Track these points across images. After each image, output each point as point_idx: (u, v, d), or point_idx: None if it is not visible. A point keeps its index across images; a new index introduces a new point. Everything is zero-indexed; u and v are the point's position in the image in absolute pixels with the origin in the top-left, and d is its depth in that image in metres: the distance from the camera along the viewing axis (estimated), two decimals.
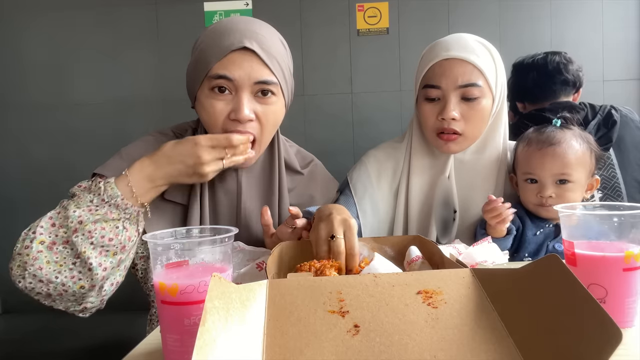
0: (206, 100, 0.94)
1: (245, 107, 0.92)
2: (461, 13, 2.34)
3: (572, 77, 1.75)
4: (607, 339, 0.40)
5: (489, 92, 1.10)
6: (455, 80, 1.08)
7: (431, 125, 1.13)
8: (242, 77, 0.92)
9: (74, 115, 2.47)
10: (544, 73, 1.76)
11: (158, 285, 0.57)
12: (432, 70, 1.11)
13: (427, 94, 1.12)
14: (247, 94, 0.93)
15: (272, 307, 0.53)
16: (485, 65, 1.08)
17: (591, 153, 1.11)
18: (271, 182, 1.06)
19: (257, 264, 0.88)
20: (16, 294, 0.91)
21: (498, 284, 0.54)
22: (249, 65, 0.92)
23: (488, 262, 0.94)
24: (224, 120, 0.94)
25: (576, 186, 1.09)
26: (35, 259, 0.83)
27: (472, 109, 1.09)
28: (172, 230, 0.64)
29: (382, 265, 0.74)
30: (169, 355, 0.58)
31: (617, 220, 0.65)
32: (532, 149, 1.12)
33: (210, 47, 0.94)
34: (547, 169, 1.09)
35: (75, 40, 2.44)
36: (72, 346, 2.13)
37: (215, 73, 0.92)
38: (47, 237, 0.84)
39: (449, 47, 1.10)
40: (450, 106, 1.08)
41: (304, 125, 2.41)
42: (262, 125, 0.97)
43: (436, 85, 1.10)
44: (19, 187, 2.50)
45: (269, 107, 0.96)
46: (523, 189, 1.14)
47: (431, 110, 1.12)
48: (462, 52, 1.08)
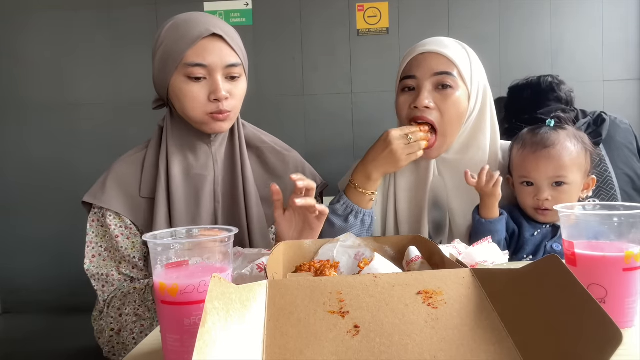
0: (183, 86, 1.02)
1: (221, 87, 1.02)
2: (461, 13, 2.34)
3: (564, 95, 1.86)
4: (607, 340, 0.40)
5: (463, 86, 1.12)
6: (429, 69, 1.12)
7: (405, 115, 1.15)
8: (215, 61, 1.01)
9: (74, 115, 2.47)
10: (538, 91, 1.85)
11: (158, 285, 0.57)
12: (409, 64, 1.16)
13: (403, 85, 1.16)
14: (220, 76, 1.02)
15: (272, 307, 0.53)
16: (458, 58, 1.12)
17: (586, 153, 1.11)
18: (233, 159, 1.13)
19: (257, 264, 0.88)
20: (16, 294, 0.91)
21: (498, 284, 0.54)
22: (219, 50, 1.02)
23: (488, 262, 0.93)
24: (204, 102, 1.02)
25: (572, 187, 1.09)
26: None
27: (446, 99, 1.11)
28: (172, 230, 0.64)
29: (382, 265, 0.74)
30: (169, 355, 0.58)
31: (617, 220, 0.65)
32: (527, 152, 1.11)
33: (178, 39, 1.02)
34: (542, 172, 1.08)
35: (75, 40, 2.44)
36: (72, 346, 2.12)
37: (191, 61, 1.01)
38: (115, 325, 1.04)
39: (425, 43, 1.17)
40: (424, 94, 1.11)
41: (304, 125, 2.41)
42: (235, 101, 1.06)
43: (412, 75, 1.14)
44: (18, 188, 2.50)
45: (239, 85, 1.06)
46: (519, 192, 1.14)
47: (406, 100, 1.15)
48: (436, 47, 1.13)
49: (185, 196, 1.07)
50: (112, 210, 1.05)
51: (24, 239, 2.51)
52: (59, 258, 2.44)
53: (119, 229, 1.06)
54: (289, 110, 2.26)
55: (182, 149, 1.09)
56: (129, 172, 1.10)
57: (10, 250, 2.52)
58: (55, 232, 2.44)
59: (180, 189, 1.07)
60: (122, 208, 1.06)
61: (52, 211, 2.46)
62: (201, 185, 1.08)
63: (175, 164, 1.08)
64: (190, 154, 1.09)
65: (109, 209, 1.05)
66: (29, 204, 2.50)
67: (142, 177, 1.09)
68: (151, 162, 1.10)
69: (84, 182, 2.43)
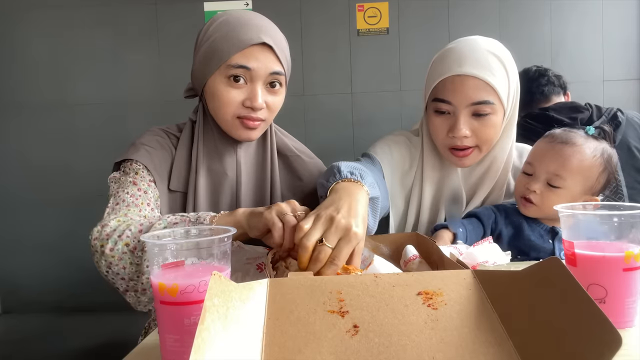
0: (221, 87, 1.01)
1: (260, 96, 1.01)
2: (461, 13, 2.34)
3: (554, 77, 1.88)
4: (607, 343, 0.40)
5: (500, 108, 1.08)
6: (467, 98, 1.05)
7: (441, 141, 1.12)
8: (259, 68, 1.00)
9: (74, 115, 2.48)
10: (528, 79, 1.90)
11: (157, 286, 0.57)
12: (443, 84, 1.08)
13: (437, 107, 1.10)
14: (261, 84, 1.02)
15: (272, 306, 0.53)
16: (498, 83, 1.05)
17: (603, 171, 1.04)
18: (264, 166, 1.12)
19: (257, 265, 0.88)
20: (16, 294, 0.92)
21: (499, 285, 0.54)
22: (265, 59, 1.01)
23: (489, 263, 0.93)
24: (237, 106, 1.01)
25: (565, 193, 1.04)
26: (120, 259, 0.86)
27: (483, 125, 1.07)
28: (170, 231, 0.64)
29: (383, 266, 0.74)
30: (168, 355, 0.57)
31: (617, 220, 0.65)
32: (545, 141, 1.09)
33: (227, 38, 1.00)
34: (545, 163, 1.06)
35: (75, 39, 2.44)
36: (72, 346, 2.13)
37: (236, 62, 0.99)
38: (131, 241, 0.87)
39: (461, 61, 1.06)
40: (461, 124, 1.06)
41: (304, 125, 2.41)
42: (269, 112, 1.05)
43: (447, 101, 1.07)
44: (18, 187, 2.50)
45: (277, 97, 1.05)
46: (518, 179, 1.13)
47: (441, 124, 1.10)
48: (475, 69, 1.04)
49: (208, 193, 1.07)
50: (142, 163, 1.02)
51: (24, 239, 2.51)
52: (59, 258, 2.44)
53: (147, 180, 1.02)
54: (289, 110, 2.26)
55: (209, 150, 1.08)
56: (162, 156, 1.07)
57: (10, 250, 2.52)
58: (55, 232, 2.44)
59: (203, 188, 1.06)
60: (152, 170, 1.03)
61: (52, 211, 2.46)
62: (220, 187, 1.07)
63: (202, 165, 1.07)
64: (216, 155, 1.08)
65: (139, 161, 1.02)
66: (29, 204, 2.50)
67: (172, 170, 1.07)
68: (182, 157, 1.08)
69: (84, 182, 2.45)
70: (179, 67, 2.35)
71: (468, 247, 0.98)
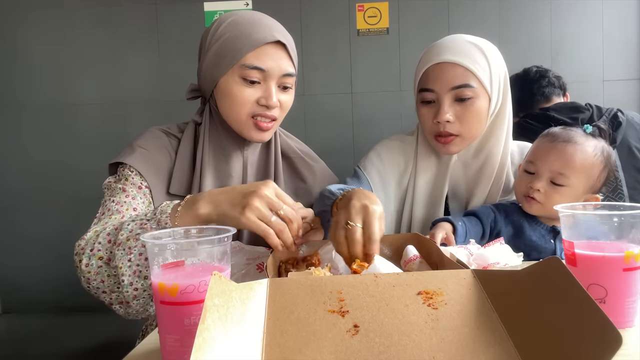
0: (235, 86, 1.00)
1: (274, 95, 1.01)
2: (461, 13, 2.34)
3: (554, 79, 1.91)
4: (607, 343, 0.40)
5: (483, 93, 1.11)
6: (447, 83, 1.10)
7: (429, 129, 1.17)
8: (273, 68, 1.00)
9: (74, 115, 2.47)
10: (528, 81, 1.93)
11: (157, 286, 0.57)
12: (427, 74, 1.14)
13: (422, 97, 1.16)
14: (275, 84, 1.02)
15: (273, 305, 0.53)
16: (477, 67, 1.09)
17: (603, 169, 1.05)
18: (268, 167, 1.12)
19: (257, 265, 0.88)
20: (16, 294, 0.91)
21: (499, 285, 0.54)
22: (279, 58, 1.01)
23: (501, 264, 0.89)
24: (252, 105, 1.01)
25: (569, 192, 1.04)
26: (97, 274, 0.83)
27: (467, 110, 1.11)
28: (170, 231, 0.64)
29: (383, 265, 0.74)
30: (168, 355, 0.57)
31: (617, 220, 0.65)
32: (546, 140, 1.09)
33: (240, 37, 1.00)
34: (548, 162, 1.05)
35: (75, 39, 2.44)
36: (72, 346, 2.13)
37: (250, 63, 0.99)
38: (104, 254, 0.83)
39: (440, 51, 1.12)
40: (444, 109, 1.11)
41: (304, 125, 2.41)
42: (281, 111, 1.06)
43: (430, 89, 1.13)
44: (18, 187, 2.50)
45: (288, 96, 1.06)
46: (519, 177, 1.12)
47: (427, 113, 1.15)
48: (453, 56, 1.10)
49: None
50: (135, 169, 0.99)
51: (24, 239, 2.51)
52: (59, 258, 2.43)
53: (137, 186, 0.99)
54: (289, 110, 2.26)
55: (216, 152, 1.06)
56: (159, 159, 1.04)
57: (10, 250, 2.52)
58: (55, 232, 2.44)
59: (209, 189, 1.03)
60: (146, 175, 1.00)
61: (52, 211, 2.46)
62: None
63: (209, 166, 1.05)
64: (223, 157, 1.07)
65: (132, 166, 0.99)
66: (29, 203, 2.50)
67: (173, 173, 1.04)
68: (185, 159, 1.05)
69: (83, 181, 2.44)
70: (179, 67, 2.36)
71: (479, 248, 0.95)
